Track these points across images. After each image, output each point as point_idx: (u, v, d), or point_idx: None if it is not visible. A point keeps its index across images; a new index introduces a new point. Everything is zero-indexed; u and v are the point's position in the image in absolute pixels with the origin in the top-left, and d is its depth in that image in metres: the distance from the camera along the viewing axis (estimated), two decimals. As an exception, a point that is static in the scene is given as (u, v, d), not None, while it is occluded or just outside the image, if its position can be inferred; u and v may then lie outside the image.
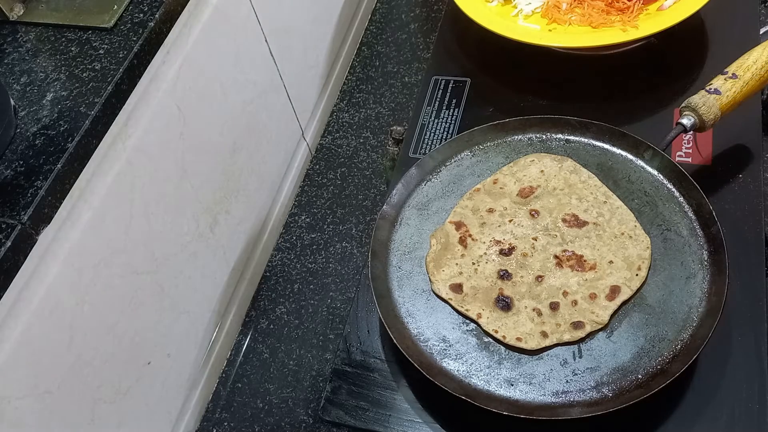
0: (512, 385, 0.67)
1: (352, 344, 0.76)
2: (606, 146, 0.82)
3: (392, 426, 0.70)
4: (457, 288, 0.74)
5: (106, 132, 0.65)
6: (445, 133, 0.92)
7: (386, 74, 1.14)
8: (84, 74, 0.66)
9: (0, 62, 0.68)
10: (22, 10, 0.72)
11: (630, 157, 0.81)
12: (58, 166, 0.59)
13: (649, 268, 0.72)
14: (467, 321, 0.72)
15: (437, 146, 0.86)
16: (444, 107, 0.94)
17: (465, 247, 0.76)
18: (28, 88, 0.65)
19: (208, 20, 0.78)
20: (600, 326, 0.69)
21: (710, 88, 0.77)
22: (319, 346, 0.87)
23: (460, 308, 0.72)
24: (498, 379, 0.68)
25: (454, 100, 0.95)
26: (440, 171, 0.83)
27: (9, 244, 0.54)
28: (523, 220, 0.77)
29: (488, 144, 0.85)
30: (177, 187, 0.77)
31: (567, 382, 0.67)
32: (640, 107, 0.89)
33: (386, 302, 0.74)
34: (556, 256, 0.74)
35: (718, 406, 0.66)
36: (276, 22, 0.94)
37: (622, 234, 0.74)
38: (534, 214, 0.78)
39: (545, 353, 0.69)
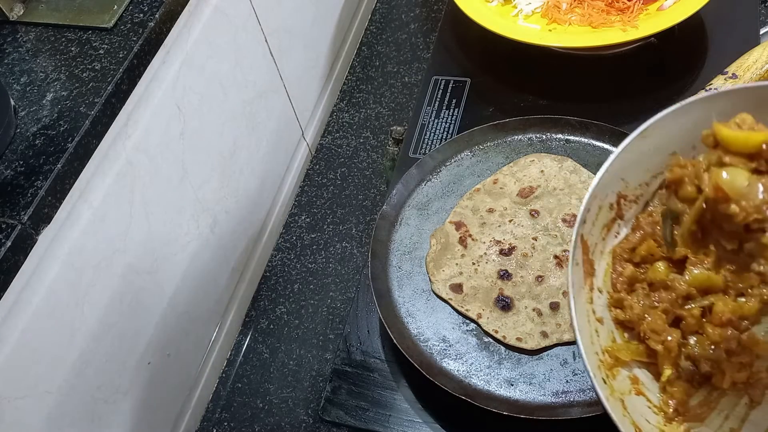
0: (512, 385, 0.67)
1: (352, 344, 0.76)
2: (606, 146, 0.82)
3: (392, 426, 0.70)
4: (457, 288, 0.74)
5: (106, 132, 0.65)
6: (445, 133, 0.91)
7: (386, 74, 1.14)
8: (84, 74, 0.66)
9: (0, 62, 0.68)
10: (22, 10, 0.72)
11: (630, 157, 0.81)
12: (58, 166, 0.58)
13: (649, 268, 0.72)
14: (467, 321, 0.72)
15: (437, 146, 0.86)
16: (444, 107, 0.94)
17: (465, 247, 0.76)
18: (28, 88, 0.65)
19: (208, 20, 0.78)
20: (600, 326, 0.69)
21: (710, 88, 0.77)
22: (319, 346, 0.87)
23: (460, 308, 0.72)
24: (498, 379, 0.68)
25: (454, 100, 0.95)
26: (440, 171, 0.83)
27: (9, 244, 0.54)
28: (523, 220, 0.77)
29: (488, 144, 0.85)
30: (177, 187, 0.77)
31: (567, 382, 0.67)
32: (640, 107, 0.89)
33: (386, 302, 0.74)
34: (556, 256, 0.74)
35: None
36: (276, 22, 0.94)
37: (622, 234, 0.74)
38: (534, 214, 0.78)
39: (545, 353, 0.69)
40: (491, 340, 0.70)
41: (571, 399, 0.66)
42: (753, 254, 0.43)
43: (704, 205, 0.44)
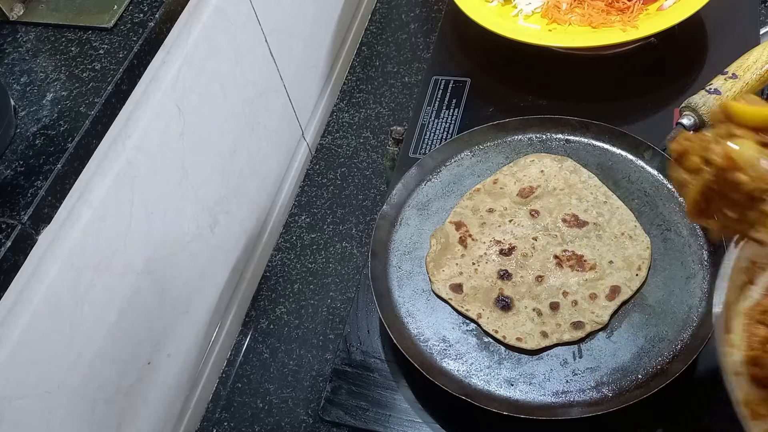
0: (512, 385, 0.67)
1: (352, 344, 0.76)
2: (606, 146, 0.82)
3: (392, 426, 0.70)
4: (457, 288, 0.74)
5: (106, 132, 0.65)
6: (445, 133, 0.92)
7: (386, 74, 1.15)
8: (84, 74, 0.66)
9: (0, 62, 0.68)
10: (22, 10, 0.72)
11: (630, 157, 0.81)
12: (58, 166, 0.59)
13: (649, 268, 0.72)
14: (467, 321, 0.72)
15: (437, 146, 0.86)
16: (444, 107, 0.94)
17: (465, 247, 0.76)
18: (28, 88, 0.65)
19: (208, 20, 0.78)
20: (600, 326, 0.69)
21: (710, 88, 0.77)
22: (319, 346, 0.87)
23: (460, 308, 0.72)
24: (498, 379, 0.68)
25: (454, 100, 0.95)
26: (440, 171, 0.83)
27: (9, 244, 0.54)
28: (523, 220, 0.77)
29: (488, 144, 0.85)
30: (177, 187, 0.77)
31: (567, 382, 0.67)
32: (640, 107, 0.89)
33: (386, 302, 0.74)
34: (556, 256, 0.74)
35: (717, 407, 0.66)
36: (276, 22, 0.94)
37: (622, 234, 0.74)
38: (534, 214, 0.78)
39: (545, 353, 0.69)
40: (491, 340, 0.70)
41: (571, 399, 0.66)
42: (753, 223, 0.48)
43: (711, 177, 0.48)
